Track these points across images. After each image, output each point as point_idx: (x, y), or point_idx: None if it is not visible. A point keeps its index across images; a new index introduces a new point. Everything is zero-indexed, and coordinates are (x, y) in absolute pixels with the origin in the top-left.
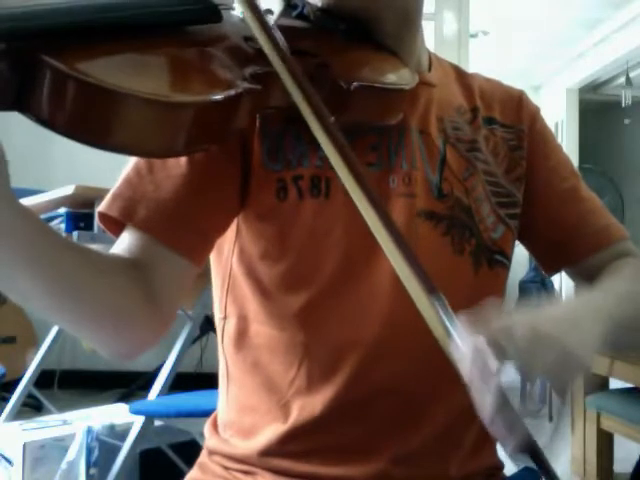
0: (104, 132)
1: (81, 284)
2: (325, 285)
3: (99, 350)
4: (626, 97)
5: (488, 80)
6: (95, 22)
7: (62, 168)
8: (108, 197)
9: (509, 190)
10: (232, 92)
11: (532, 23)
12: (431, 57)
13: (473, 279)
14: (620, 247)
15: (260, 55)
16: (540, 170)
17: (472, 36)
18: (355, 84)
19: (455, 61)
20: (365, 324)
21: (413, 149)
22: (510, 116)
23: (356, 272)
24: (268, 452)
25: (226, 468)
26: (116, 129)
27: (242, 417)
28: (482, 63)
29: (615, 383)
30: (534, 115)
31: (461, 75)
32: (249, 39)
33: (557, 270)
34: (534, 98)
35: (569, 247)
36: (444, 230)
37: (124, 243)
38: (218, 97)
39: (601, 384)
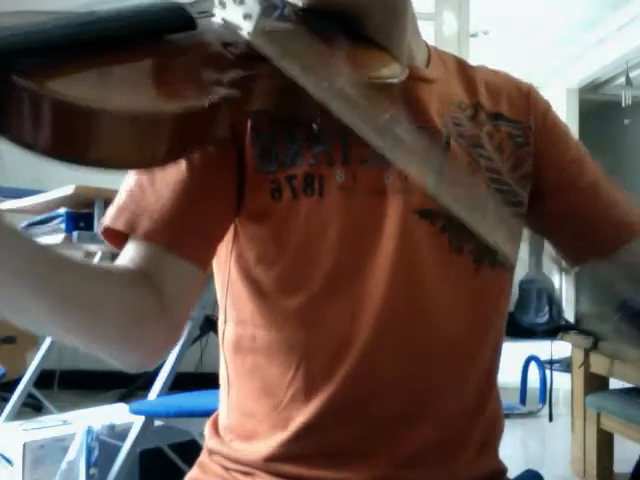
0: (77, 150)
1: (91, 301)
2: (321, 285)
3: (114, 363)
4: (626, 97)
5: (495, 73)
6: (63, 40)
7: (62, 168)
8: (111, 211)
9: (514, 189)
10: (208, 100)
11: (532, 23)
12: (431, 52)
13: (474, 278)
14: None
15: (240, 60)
16: (555, 166)
17: (472, 36)
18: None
19: None
20: (361, 323)
21: None
22: (517, 111)
23: (351, 271)
24: (269, 458)
25: (226, 468)
26: (89, 146)
27: (242, 422)
28: (482, 63)
29: (615, 383)
30: (544, 110)
31: (464, 68)
32: (229, 45)
33: (582, 262)
34: None
35: (592, 241)
36: (440, 228)
37: (129, 255)
38: (193, 106)
39: (601, 384)
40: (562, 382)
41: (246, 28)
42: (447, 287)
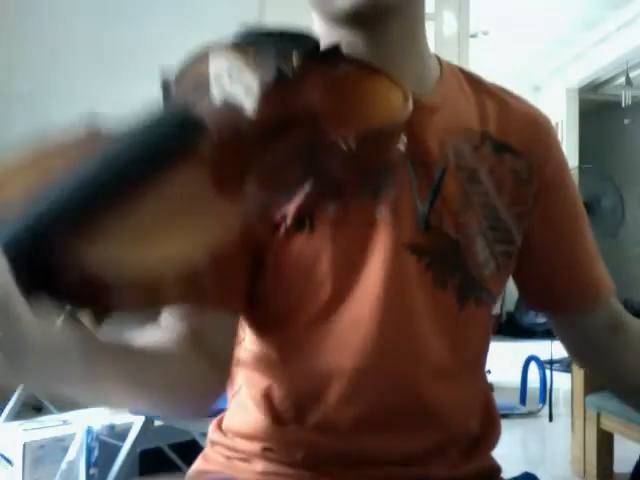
0: (124, 307)
1: (150, 380)
2: (313, 316)
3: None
4: (626, 97)
5: (512, 97)
6: (82, 205)
7: None
8: None
9: (509, 226)
10: (242, 217)
11: (532, 23)
12: (444, 68)
13: (457, 315)
14: (608, 307)
15: (257, 147)
16: (551, 208)
17: (472, 36)
18: (352, 141)
19: (455, 61)
20: (349, 353)
21: (402, 178)
22: (526, 144)
23: (341, 303)
24: (267, 449)
25: (227, 457)
26: (139, 303)
27: (242, 426)
28: (482, 63)
29: None
30: (553, 150)
31: (478, 90)
32: (237, 132)
33: (538, 311)
34: (534, 98)
35: (556, 297)
36: (426, 264)
37: (171, 322)
38: (229, 234)
39: (601, 384)
40: (562, 382)
41: (250, 105)
42: (432, 321)
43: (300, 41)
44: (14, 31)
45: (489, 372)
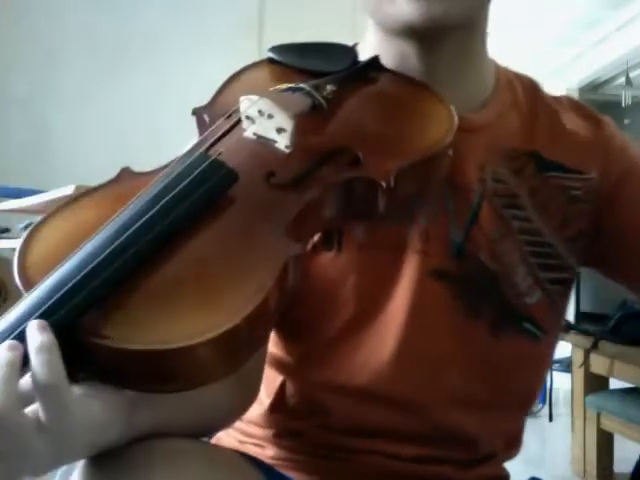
0: (166, 383)
1: (185, 415)
2: (332, 336)
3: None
4: (626, 97)
5: (570, 106)
6: (110, 282)
7: (62, 168)
8: None
9: (557, 250)
10: (281, 267)
11: (532, 23)
12: (499, 80)
13: (491, 345)
14: None
15: (290, 191)
16: (634, 218)
17: None
18: (392, 178)
19: None
20: (363, 374)
21: (436, 203)
22: (581, 159)
23: (363, 325)
24: (277, 435)
25: (241, 442)
26: (173, 379)
27: (254, 416)
28: None
29: (615, 383)
30: (617, 155)
31: (534, 100)
32: (271, 174)
33: None
34: None
35: None
36: (457, 292)
37: None
38: (270, 287)
39: (601, 384)
40: (562, 382)
41: (283, 142)
42: (459, 351)
43: (335, 57)
44: (10, 31)
45: None
